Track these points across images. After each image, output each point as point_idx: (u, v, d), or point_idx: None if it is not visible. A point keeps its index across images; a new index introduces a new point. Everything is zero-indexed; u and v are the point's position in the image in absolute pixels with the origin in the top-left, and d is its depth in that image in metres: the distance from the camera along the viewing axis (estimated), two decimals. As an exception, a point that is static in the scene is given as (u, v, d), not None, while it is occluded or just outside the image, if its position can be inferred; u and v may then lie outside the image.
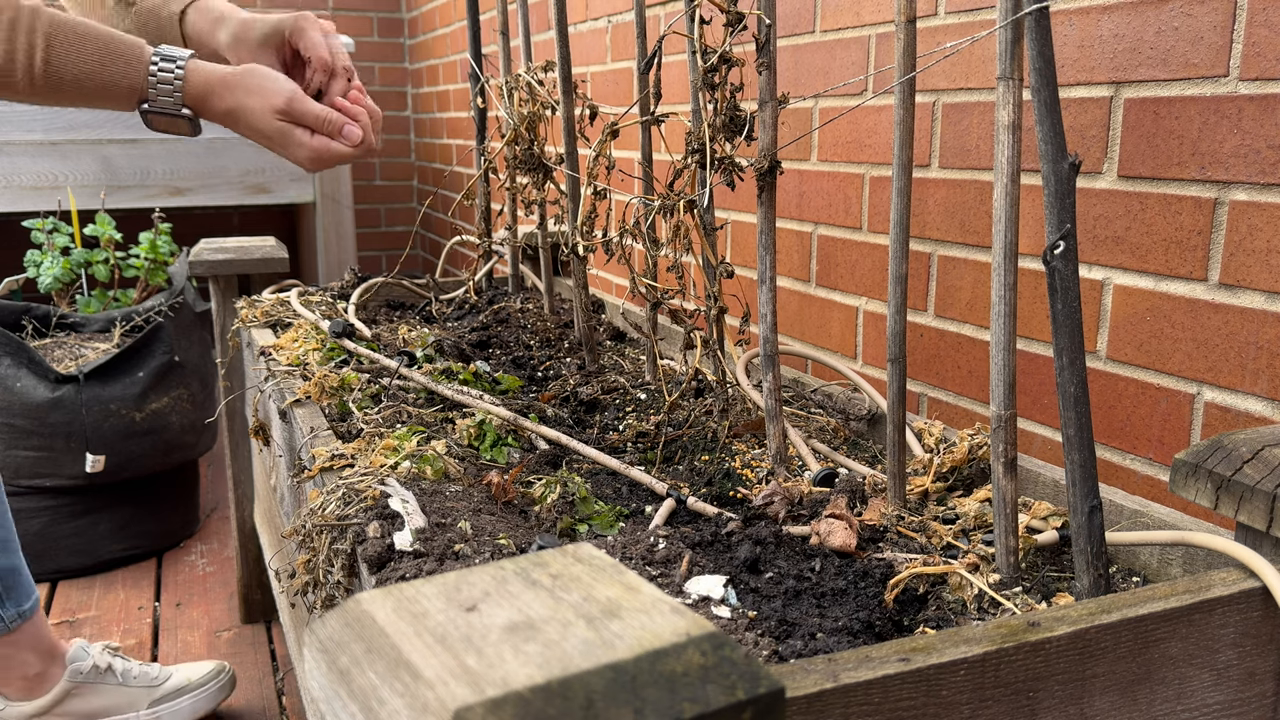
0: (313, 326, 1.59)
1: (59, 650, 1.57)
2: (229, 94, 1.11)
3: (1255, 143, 0.96)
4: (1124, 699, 0.68)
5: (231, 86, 1.11)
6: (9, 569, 1.47)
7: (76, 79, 1.06)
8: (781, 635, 0.76)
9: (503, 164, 1.67)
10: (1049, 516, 0.93)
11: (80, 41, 1.06)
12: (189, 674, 1.67)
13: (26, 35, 1.04)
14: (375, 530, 0.85)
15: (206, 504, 2.64)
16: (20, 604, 1.49)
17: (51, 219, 2.53)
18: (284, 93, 1.10)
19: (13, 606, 1.48)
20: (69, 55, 1.05)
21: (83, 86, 1.07)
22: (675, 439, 1.22)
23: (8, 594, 1.47)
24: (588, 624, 0.44)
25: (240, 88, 1.11)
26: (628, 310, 1.84)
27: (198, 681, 1.67)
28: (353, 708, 0.44)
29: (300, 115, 1.11)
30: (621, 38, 2.13)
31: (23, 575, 1.51)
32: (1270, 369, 0.97)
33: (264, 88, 1.10)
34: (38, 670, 1.53)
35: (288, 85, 1.11)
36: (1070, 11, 1.13)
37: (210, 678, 1.68)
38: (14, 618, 1.49)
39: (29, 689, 1.53)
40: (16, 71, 1.04)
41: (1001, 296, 0.82)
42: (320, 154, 1.13)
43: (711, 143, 1.10)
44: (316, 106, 1.12)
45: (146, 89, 1.09)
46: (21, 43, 1.03)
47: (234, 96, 1.11)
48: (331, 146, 1.13)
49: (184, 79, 1.09)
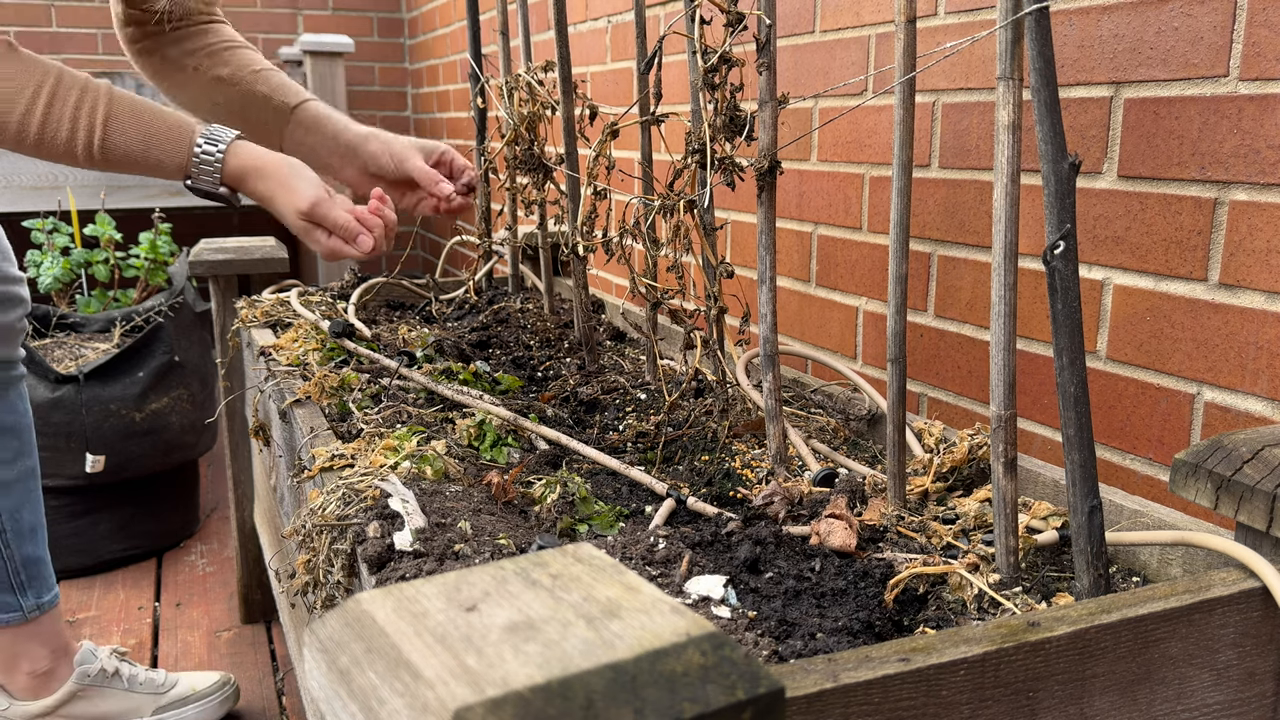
0: (313, 326, 1.59)
1: (70, 650, 1.57)
2: (262, 182, 1.22)
3: (1255, 143, 0.96)
4: (1124, 699, 0.68)
5: (266, 176, 1.22)
6: (34, 558, 1.50)
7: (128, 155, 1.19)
8: (781, 635, 0.76)
9: (503, 164, 1.67)
10: (1049, 516, 0.93)
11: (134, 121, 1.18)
12: (194, 683, 1.67)
13: (89, 116, 1.17)
14: (375, 530, 0.85)
15: (206, 504, 2.64)
16: (40, 596, 1.51)
17: (51, 219, 2.53)
18: (309, 197, 1.21)
19: (33, 597, 1.50)
20: (123, 135, 1.18)
21: (134, 163, 1.20)
22: (675, 439, 1.22)
23: (30, 583, 1.49)
24: (588, 624, 0.44)
25: (274, 178, 1.22)
26: (628, 310, 1.84)
27: (203, 692, 1.67)
28: (353, 708, 0.44)
29: (321, 219, 1.22)
30: (621, 38, 2.13)
31: (45, 567, 1.53)
32: (1270, 369, 0.97)
33: (294, 187, 1.21)
34: (47, 667, 1.54)
35: (313, 189, 1.22)
36: (1070, 11, 1.13)
37: (215, 689, 1.68)
38: (33, 608, 1.50)
39: (36, 687, 1.54)
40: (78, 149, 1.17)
41: (1001, 296, 0.82)
42: (334, 253, 1.24)
43: (711, 143, 1.10)
44: (336, 213, 1.22)
45: (189, 167, 1.21)
46: (83, 123, 1.16)
47: (266, 185, 1.22)
48: (344, 249, 1.24)
49: (223, 161, 1.21)
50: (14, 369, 1.48)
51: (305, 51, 3.34)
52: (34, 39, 3.63)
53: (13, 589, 1.49)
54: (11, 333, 1.47)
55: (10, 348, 1.47)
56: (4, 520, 1.46)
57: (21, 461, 1.49)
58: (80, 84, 1.17)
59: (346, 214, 1.23)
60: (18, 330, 1.48)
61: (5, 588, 1.48)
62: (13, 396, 1.48)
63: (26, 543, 1.49)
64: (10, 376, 1.47)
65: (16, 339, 1.48)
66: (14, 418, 1.47)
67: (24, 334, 1.50)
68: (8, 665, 1.53)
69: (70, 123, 1.16)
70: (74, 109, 1.16)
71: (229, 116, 1.41)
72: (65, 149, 1.17)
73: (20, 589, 1.49)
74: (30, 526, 1.50)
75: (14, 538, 1.48)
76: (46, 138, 1.16)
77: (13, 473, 1.47)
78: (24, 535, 1.49)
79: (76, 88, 1.17)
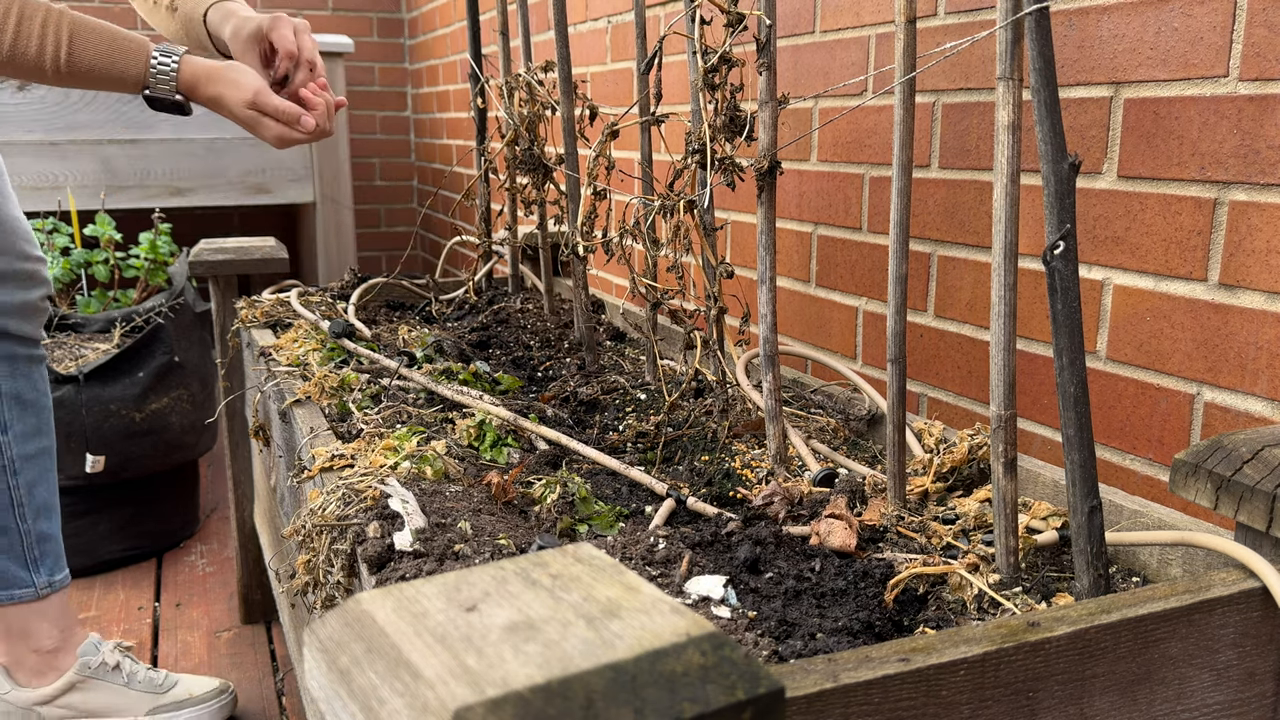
0: (312, 327, 1.59)
1: (77, 633, 1.61)
2: (211, 84, 1.34)
3: (1255, 143, 0.96)
4: (1124, 699, 0.68)
5: (214, 79, 1.34)
6: (47, 535, 1.55)
7: (92, 69, 1.30)
8: (781, 635, 0.76)
9: (503, 164, 1.67)
10: (1049, 516, 0.93)
11: (95, 38, 1.30)
12: (192, 687, 1.67)
13: (54, 33, 1.27)
14: (375, 530, 0.85)
15: (206, 504, 2.64)
16: (53, 574, 1.56)
17: (51, 219, 2.53)
18: (252, 87, 1.33)
19: (45, 574, 1.55)
20: (86, 50, 1.29)
21: (97, 75, 1.31)
22: (675, 439, 1.22)
23: (42, 560, 1.55)
24: (588, 624, 0.44)
25: (220, 80, 1.34)
26: (628, 310, 1.85)
27: (200, 697, 1.66)
28: (353, 708, 0.44)
29: (264, 106, 1.33)
30: (621, 38, 2.13)
31: (58, 546, 1.58)
32: (1270, 369, 0.97)
33: (238, 81, 1.33)
34: (54, 646, 1.57)
35: (255, 81, 1.33)
36: (1070, 11, 1.13)
37: (213, 696, 1.68)
38: (45, 586, 1.55)
39: (38, 669, 1.57)
40: (46, 63, 1.28)
41: (1001, 296, 0.82)
42: (282, 137, 1.35)
43: (711, 143, 1.10)
44: (277, 100, 1.33)
45: (147, 78, 1.32)
46: (50, 39, 1.27)
47: (215, 87, 1.34)
48: (290, 133, 1.35)
49: (178, 70, 1.33)
50: (36, 348, 1.56)
51: (305, 51, 3.33)
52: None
53: (26, 565, 1.53)
54: (34, 310, 1.54)
55: (33, 326, 1.54)
56: (21, 494, 1.52)
57: (40, 439, 1.55)
58: (44, 7, 1.28)
59: (287, 100, 1.35)
60: (40, 309, 1.55)
61: (20, 563, 1.52)
62: (35, 375, 1.55)
63: (41, 519, 1.55)
64: (33, 355, 1.55)
65: (38, 317, 1.55)
66: (35, 395, 1.55)
67: (46, 314, 1.57)
68: (15, 642, 1.55)
69: (39, 39, 1.27)
70: (41, 26, 1.27)
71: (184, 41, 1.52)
72: (34, 64, 1.28)
73: (34, 565, 1.53)
74: (45, 504, 1.55)
75: (30, 512, 1.53)
76: (18, 53, 1.26)
77: (31, 448, 1.53)
78: (39, 512, 1.54)
79: (41, 9, 1.28)
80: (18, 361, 1.51)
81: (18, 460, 1.52)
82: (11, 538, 1.52)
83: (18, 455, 1.52)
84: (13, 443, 1.51)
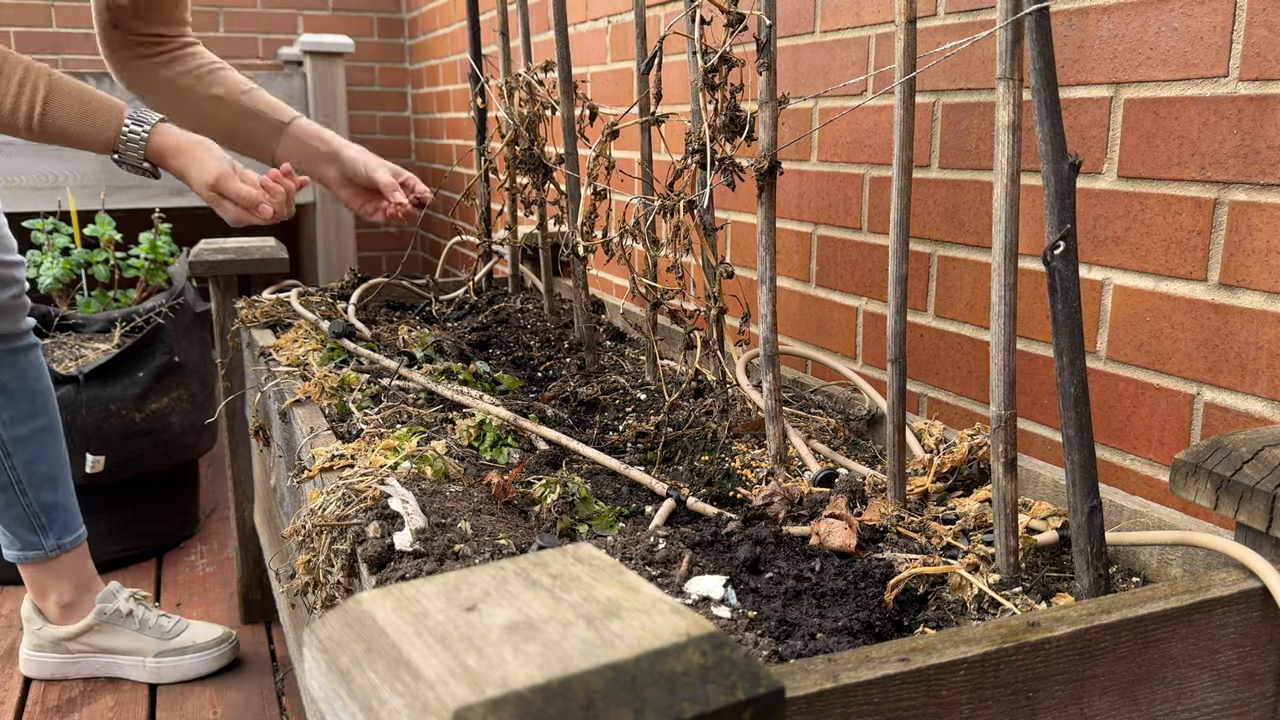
0: (312, 327, 1.59)
1: (95, 586, 1.83)
2: (179, 157, 1.39)
3: (1255, 143, 0.96)
4: (1124, 699, 0.68)
5: (181, 152, 1.39)
6: (53, 504, 1.73)
7: (64, 130, 1.36)
8: (781, 635, 0.76)
9: (503, 164, 1.67)
10: (1049, 516, 0.93)
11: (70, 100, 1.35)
12: (196, 635, 1.87)
13: (30, 91, 1.33)
14: (375, 530, 0.85)
15: (206, 504, 2.64)
16: (61, 537, 1.75)
17: (51, 219, 2.53)
18: (215, 170, 1.38)
19: (53, 538, 1.74)
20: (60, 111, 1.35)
21: (69, 136, 1.36)
22: (675, 439, 1.22)
23: (50, 526, 1.73)
24: (588, 624, 0.44)
25: (187, 155, 1.39)
26: (628, 310, 1.85)
27: (202, 644, 1.86)
28: (353, 707, 0.44)
29: (224, 190, 1.38)
30: (621, 38, 2.13)
31: (65, 513, 1.75)
32: (1270, 369, 0.97)
33: (203, 161, 1.38)
34: (70, 600, 1.80)
35: (219, 164, 1.38)
36: (1070, 11, 1.13)
37: (214, 644, 1.87)
38: (53, 548, 1.74)
39: (62, 615, 1.81)
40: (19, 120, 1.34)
41: (1001, 297, 0.82)
42: (239, 220, 1.41)
43: (711, 143, 1.10)
44: (239, 186, 1.38)
45: (117, 143, 1.37)
46: (25, 98, 1.33)
47: (181, 160, 1.39)
48: (248, 216, 1.41)
49: (147, 140, 1.38)
50: (19, 340, 1.66)
51: (305, 51, 3.33)
52: (34, 39, 3.63)
53: (34, 530, 1.72)
54: (6, 309, 1.63)
55: (10, 322, 1.64)
56: (19, 472, 1.68)
57: (34, 420, 1.69)
58: (24, 64, 1.33)
59: (248, 187, 1.39)
60: (13, 307, 1.64)
61: (28, 529, 1.71)
62: (21, 364, 1.66)
63: (44, 491, 1.71)
64: (15, 348, 1.66)
65: (15, 315, 1.65)
66: (23, 382, 1.67)
67: (23, 310, 1.67)
68: (39, 594, 1.80)
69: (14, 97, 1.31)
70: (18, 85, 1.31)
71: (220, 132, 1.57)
72: (9, 120, 1.33)
73: (42, 530, 1.72)
74: (48, 477, 1.71)
75: (30, 487, 1.70)
76: None
77: (25, 429, 1.68)
78: (40, 484, 1.70)
79: (21, 66, 1.33)
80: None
81: (9, 442, 1.66)
82: (17, 509, 1.70)
83: (9, 438, 1.66)
84: (4, 427, 1.65)
